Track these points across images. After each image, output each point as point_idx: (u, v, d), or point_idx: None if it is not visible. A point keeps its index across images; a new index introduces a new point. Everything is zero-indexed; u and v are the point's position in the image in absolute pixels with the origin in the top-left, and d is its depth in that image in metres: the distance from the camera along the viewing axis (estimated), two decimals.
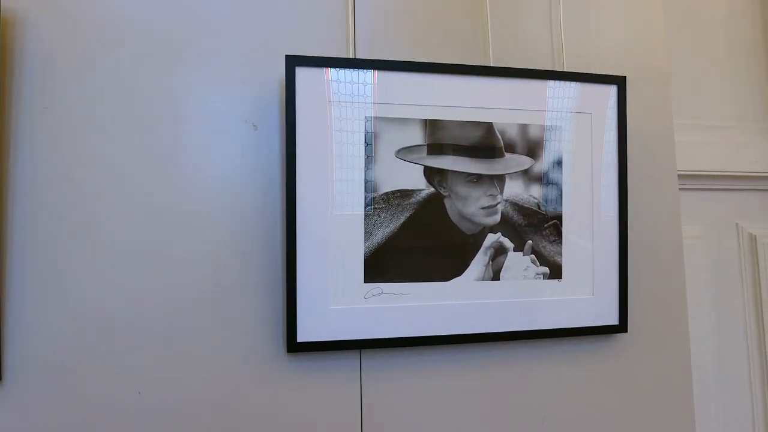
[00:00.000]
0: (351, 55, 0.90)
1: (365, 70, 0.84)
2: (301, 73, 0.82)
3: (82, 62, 0.79)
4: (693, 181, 1.12)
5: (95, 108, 0.79)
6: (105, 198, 0.79)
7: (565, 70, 0.97)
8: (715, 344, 1.10)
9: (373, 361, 0.87)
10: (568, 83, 0.93)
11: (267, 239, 0.83)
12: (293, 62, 0.82)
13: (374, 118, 0.85)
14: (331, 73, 0.83)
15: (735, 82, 1.18)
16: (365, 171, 0.84)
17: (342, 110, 0.84)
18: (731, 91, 1.18)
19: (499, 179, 0.89)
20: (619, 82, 0.95)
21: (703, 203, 1.13)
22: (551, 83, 0.92)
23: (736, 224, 1.15)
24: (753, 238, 1.14)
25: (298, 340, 0.82)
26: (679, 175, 1.09)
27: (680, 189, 1.11)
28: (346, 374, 0.86)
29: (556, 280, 0.92)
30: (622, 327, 0.94)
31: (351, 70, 0.84)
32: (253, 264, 0.83)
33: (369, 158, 0.85)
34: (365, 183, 0.84)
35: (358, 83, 0.84)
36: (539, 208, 0.91)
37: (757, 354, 1.11)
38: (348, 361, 0.86)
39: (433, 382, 0.88)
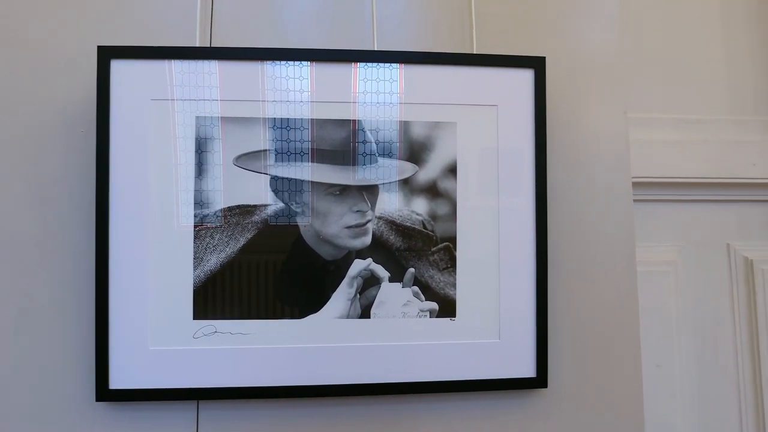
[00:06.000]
0: (206, 44, 0.75)
1: (197, 61, 0.70)
2: (119, 67, 0.69)
3: None
4: (669, 190, 0.87)
5: None
6: None
7: (474, 52, 0.77)
8: (696, 400, 0.84)
9: (213, 413, 0.71)
10: (465, 68, 0.73)
11: (83, 265, 0.70)
12: (107, 54, 0.68)
13: (208, 118, 0.70)
14: (156, 65, 0.69)
15: (726, 66, 0.92)
16: (196, 182, 0.69)
17: (168, 110, 0.69)
18: (721, 76, 0.92)
19: (370, 191, 0.71)
20: (537, 65, 0.74)
21: (684, 219, 0.88)
22: (442, 69, 0.73)
23: (727, 245, 0.89)
24: (748, 263, 0.87)
25: (110, 387, 0.68)
26: (650, 184, 0.86)
27: (652, 201, 0.88)
28: (179, 430, 0.71)
29: (449, 318, 0.72)
30: (540, 381, 0.73)
31: (180, 61, 0.69)
32: (67, 294, 0.70)
33: (201, 167, 0.69)
34: (195, 197, 0.69)
35: (188, 77, 0.69)
36: (425, 228, 0.72)
37: (753, 424, 0.85)
38: (181, 414, 0.71)
39: None
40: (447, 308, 0.72)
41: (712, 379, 0.85)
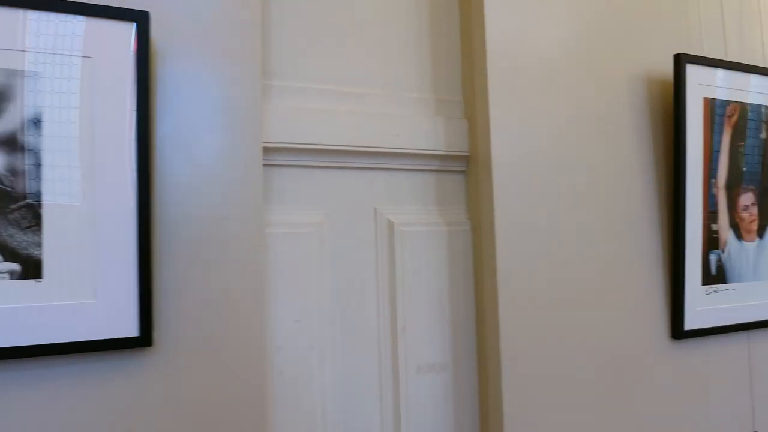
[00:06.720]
0: None
1: None
2: None
3: None
4: (319, 157, 0.92)
5: None
6: None
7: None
8: (338, 349, 0.92)
9: None
10: (57, 15, 0.69)
11: None
12: None
13: None
14: None
15: (383, 44, 1.00)
16: None
17: None
18: (378, 53, 1.00)
19: None
20: (140, 18, 0.72)
21: (334, 184, 0.94)
22: (23, 13, 0.68)
23: (375, 209, 0.98)
24: (391, 225, 0.97)
25: None
26: (300, 150, 0.90)
27: (302, 166, 0.92)
28: None
29: (34, 280, 0.69)
30: (144, 340, 0.73)
31: None
32: None
33: None
34: None
35: None
36: (2, 183, 0.67)
37: (390, 365, 0.95)
38: None
39: None
40: (32, 269, 0.68)
41: (354, 329, 0.93)
